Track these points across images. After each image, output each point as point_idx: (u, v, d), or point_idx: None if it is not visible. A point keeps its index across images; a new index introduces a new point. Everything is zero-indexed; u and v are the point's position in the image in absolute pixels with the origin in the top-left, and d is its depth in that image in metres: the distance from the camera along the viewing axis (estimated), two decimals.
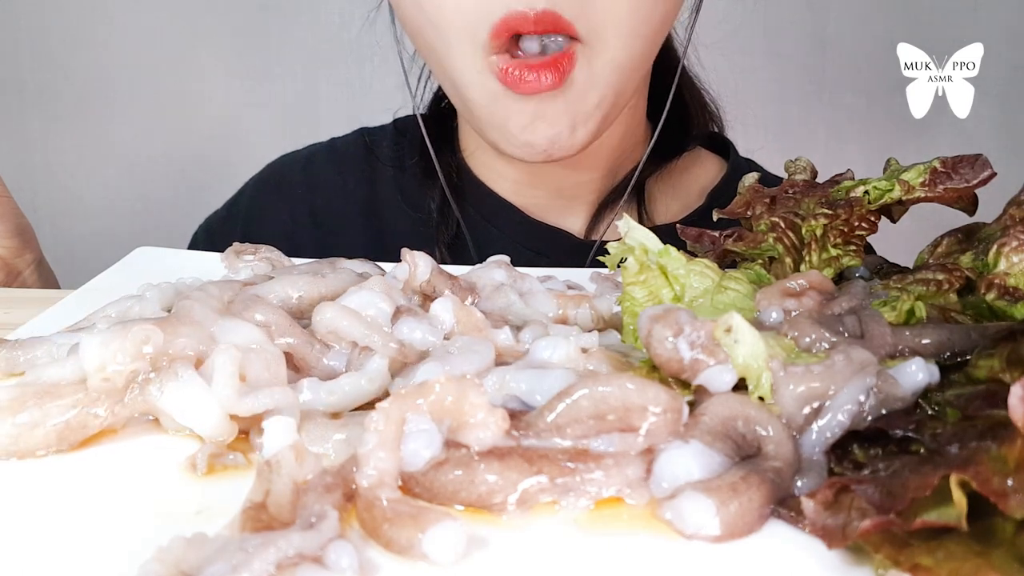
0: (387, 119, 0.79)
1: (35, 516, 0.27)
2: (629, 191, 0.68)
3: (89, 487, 0.29)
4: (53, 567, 0.25)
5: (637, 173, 0.68)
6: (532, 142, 0.56)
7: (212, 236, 0.77)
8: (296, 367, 0.35)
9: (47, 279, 0.63)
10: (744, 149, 0.78)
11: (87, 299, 0.44)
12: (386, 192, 0.74)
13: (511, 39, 0.53)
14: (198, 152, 1.41)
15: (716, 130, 0.78)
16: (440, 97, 0.75)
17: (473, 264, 0.48)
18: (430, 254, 0.42)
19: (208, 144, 1.41)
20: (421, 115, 0.70)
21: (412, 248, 0.42)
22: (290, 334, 0.35)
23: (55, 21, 1.38)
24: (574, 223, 0.70)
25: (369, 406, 0.33)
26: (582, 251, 0.68)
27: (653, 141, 0.67)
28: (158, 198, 1.41)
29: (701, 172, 0.75)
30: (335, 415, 0.32)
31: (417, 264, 0.41)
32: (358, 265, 0.45)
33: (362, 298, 0.37)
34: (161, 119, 1.41)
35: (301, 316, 0.39)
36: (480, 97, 0.57)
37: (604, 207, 0.69)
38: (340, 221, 0.74)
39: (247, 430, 0.31)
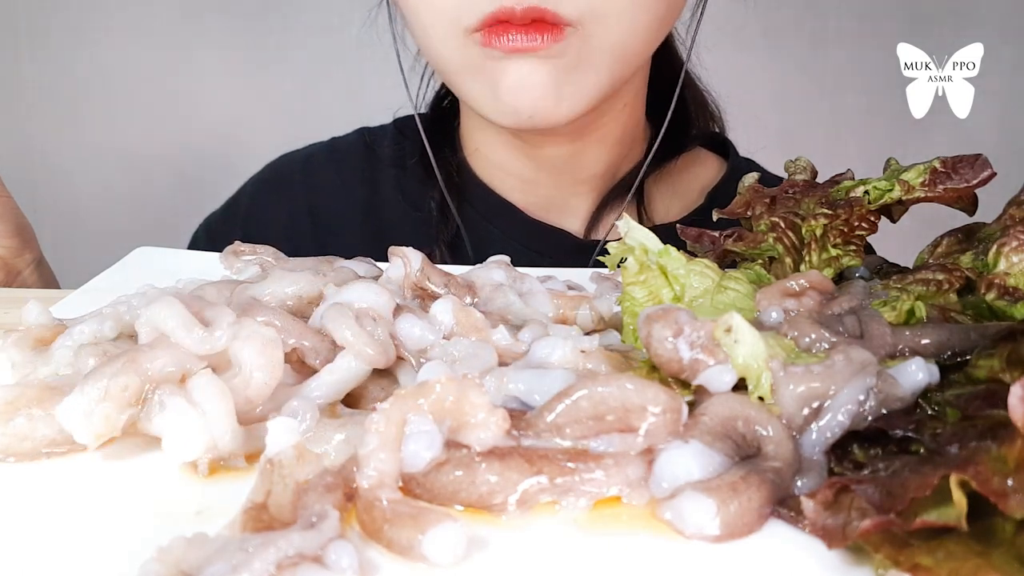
0: (388, 119, 0.79)
1: (36, 516, 0.27)
2: (629, 190, 0.68)
3: (89, 487, 0.29)
4: (54, 567, 0.25)
5: (640, 174, 0.68)
6: (517, 106, 0.56)
7: (212, 236, 0.77)
8: (300, 364, 0.35)
9: (47, 279, 0.63)
10: (745, 149, 0.78)
11: (87, 299, 0.44)
12: (386, 192, 0.74)
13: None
14: (198, 152, 1.41)
15: (717, 130, 0.78)
16: (442, 96, 0.75)
17: (471, 264, 0.48)
18: (429, 254, 0.42)
19: (208, 144, 1.41)
20: (420, 114, 0.70)
21: (412, 248, 0.42)
22: (294, 334, 0.35)
23: (55, 20, 1.38)
24: (573, 223, 0.70)
25: (359, 398, 0.34)
26: (582, 251, 0.68)
27: (658, 141, 0.67)
28: (158, 198, 1.41)
29: (701, 172, 0.75)
30: (333, 412, 0.32)
31: (407, 257, 0.41)
32: (356, 264, 0.45)
33: (360, 290, 0.37)
34: (161, 119, 1.41)
35: (300, 315, 0.39)
36: (465, 70, 0.57)
37: (604, 207, 0.69)
38: (340, 221, 0.74)
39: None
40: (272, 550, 0.23)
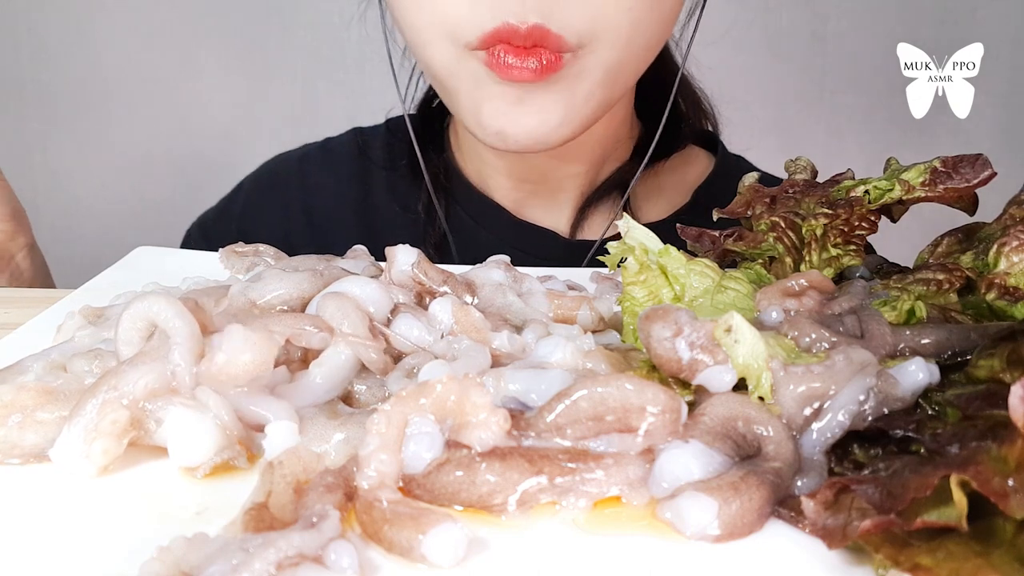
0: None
1: (37, 516, 0.27)
2: (615, 189, 0.68)
3: (89, 487, 0.29)
4: (54, 567, 0.25)
5: (635, 179, 0.68)
6: (507, 132, 0.54)
7: (207, 234, 0.77)
8: (300, 364, 0.35)
9: (39, 264, 0.63)
10: (744, 149, 0.78)
11: (87, 299, 0.44)
12: (378, 192, 0.74)
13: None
14: (198, 152, 1.41)
15: (710, 128, 0.78)
16: (431, 96, 0.75)
17: (455, 264, 0.47)
18: None
19: (208, 144, 1.41)
20: (410, 115, 0.70)
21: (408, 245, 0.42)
22: (287, 323, 0.34)
23: (55, 21, 1.38)
24: (559, 220, 0.70)
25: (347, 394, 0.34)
26: (568, 250, 0.68)
27: (653, 145, 0.67)
28: (158, 198, 1.41)
29: (689, 169, 0.74)
30: (333, 411, 0.32)
31: (400, 255, 0.41)
32: (354, 262, 0.45)
33: (357, 286, 0.37)
34: (161, 119, 1.41)
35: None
36: (461, 83, 0.56)
37: (588, 205, 0.69)
38: (334, 221, 0.74)
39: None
40: (272, 550, 0.23)
